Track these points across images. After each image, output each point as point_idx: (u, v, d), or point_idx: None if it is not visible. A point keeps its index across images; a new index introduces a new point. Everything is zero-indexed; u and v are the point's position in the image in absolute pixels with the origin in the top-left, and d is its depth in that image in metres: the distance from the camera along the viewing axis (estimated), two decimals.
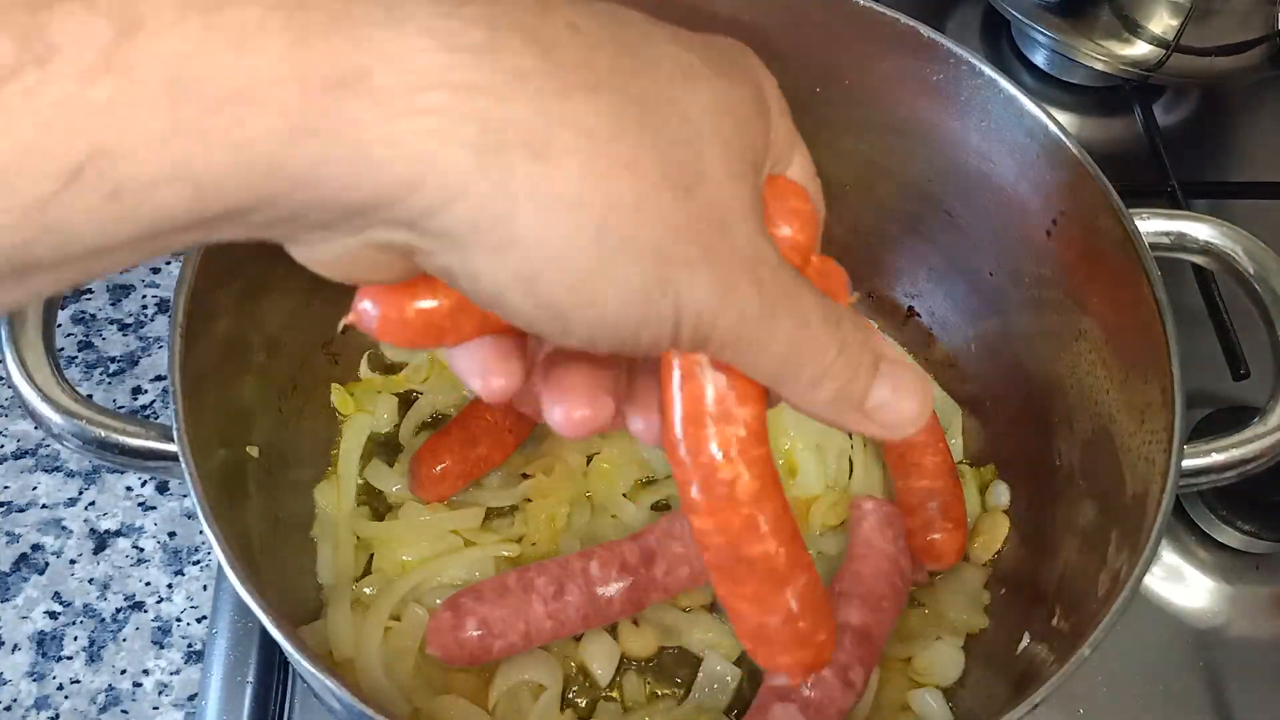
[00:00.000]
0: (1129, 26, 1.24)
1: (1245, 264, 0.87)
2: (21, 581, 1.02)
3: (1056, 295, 0.94)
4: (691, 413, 0.47)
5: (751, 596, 0.52)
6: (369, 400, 1.06)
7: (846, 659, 0.86)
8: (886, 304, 1.15)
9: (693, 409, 0.47)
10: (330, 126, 0.34)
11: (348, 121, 0.34)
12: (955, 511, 0.97)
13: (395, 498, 1.01)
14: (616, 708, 0.93)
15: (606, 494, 1.02)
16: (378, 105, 0.34)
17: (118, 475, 1.08)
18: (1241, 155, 1.41)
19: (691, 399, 0.47)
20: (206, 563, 1.04)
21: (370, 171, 0.35)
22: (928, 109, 0.98)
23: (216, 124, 0.32)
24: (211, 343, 0.83)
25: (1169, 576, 1.05)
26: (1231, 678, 0.99)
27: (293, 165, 0.34)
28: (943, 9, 1.50)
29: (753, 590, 0.52)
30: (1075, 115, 1.40)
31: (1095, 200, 0.87)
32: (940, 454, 1.00)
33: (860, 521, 0.96)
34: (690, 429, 0.48)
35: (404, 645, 0.91)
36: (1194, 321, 1.12)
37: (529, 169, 0.36)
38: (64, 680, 0.97)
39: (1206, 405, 1.08)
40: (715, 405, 0.47)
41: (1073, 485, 0.93)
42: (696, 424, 0.48)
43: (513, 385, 0.51)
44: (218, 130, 0.32)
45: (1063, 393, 0.95)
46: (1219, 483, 0.82)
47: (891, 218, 1.09)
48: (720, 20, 1.01)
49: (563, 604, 0.88)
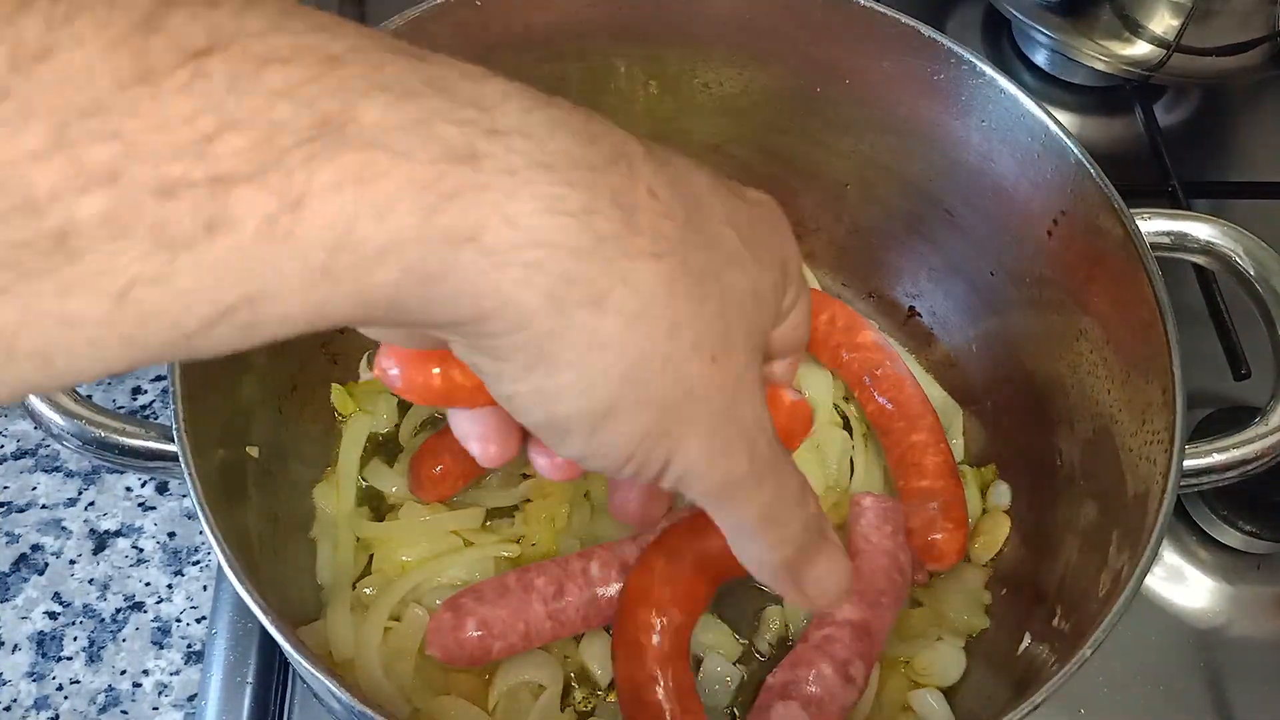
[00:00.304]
0: (1130, 26, 1.24)
1: (1246, 264, 0.87)
2: (21, 582, 1.02)
3: (1057, 295, 0.94)
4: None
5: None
6: (369, 400, 1.06)
7: (846, 654, 0.86)
8: (887, 304, 1.15)
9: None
10: (443, 271, 0.39)
11: (458, 266, 0.39)
12: (956, 512, 0.97)
13: (395, 498, 1.01)
14: (616, 708, 0.93)
15: (606, 494, 1.02)
16: (485, 256, 0.39)
17: (117, 475, 1.08)
18: (1242, 155, 1.41)
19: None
20: (206, 563, 1.04)
21: (463, 303, 0.40)
22: (928, 109, 0.98)
23: (353, 275, 0.38)
24: None
25: (1170, 577, 1.05)
26: (1232, 678, 0.99)
27: (405, 301, 0.40)
28: (943, 9, 1.50)
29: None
30: (1076, 115, 1.40)
31: (1096, 200, 0.87)
32: (941, 454, 1.00)
33: (858, 518, 0.96)
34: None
35: (404, 645, 0.91)
36: (1195, 321, 1.12)
37: (584, 314, 0.41)
38: (64, 680, 0.97)
39: (1207, 405, 1.08)
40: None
41: (1073, 485, 0.93)
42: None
43: (509, 454, 0.59)
44: (351, 280, 0.38)
45: (1064, 392, 0.95)
46: (1220, 483, 0.82)
47: (892, 217, 1.09)
48: (721, 20, 1.01)
49: (563, 604, 0.88)
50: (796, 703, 0.83)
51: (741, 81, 1.07)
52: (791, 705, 0.83)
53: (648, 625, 0.84)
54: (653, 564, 0.87)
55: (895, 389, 1.03)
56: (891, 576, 0.92)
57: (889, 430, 1.03)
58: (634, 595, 0.86)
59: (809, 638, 0.88)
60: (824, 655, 0.86)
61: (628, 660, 0.84)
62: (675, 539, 0.88)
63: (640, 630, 0.84)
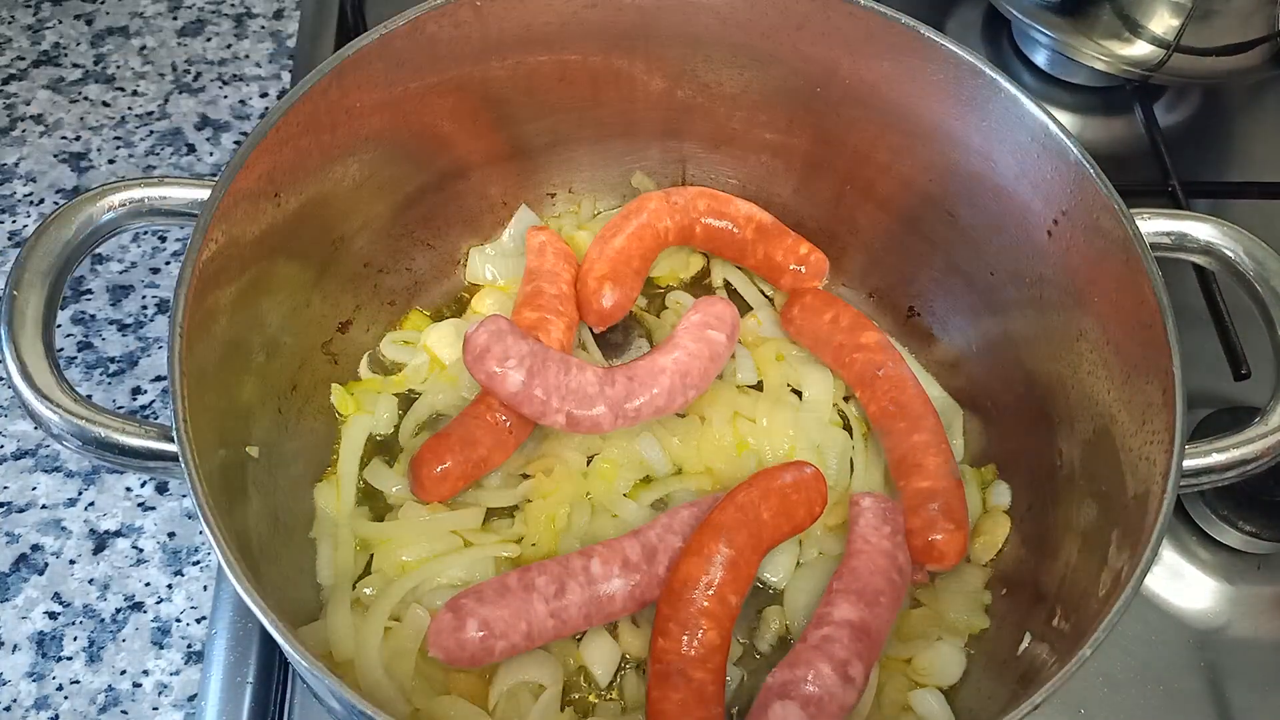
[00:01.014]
0: (1130, 26, 1.24)
1: (1246, 264, 0.87)
2: (21, 582, 1.02)
3: (1057, 295, 0.94)
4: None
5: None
6: (369, 400, 1.06)
7: (845, 655, 0.86)
8: (887, 304, 1.15)
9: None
10: None
11: None
12: (957, 513, 0.97)
13: (395, 498, 1.01)
14: (616, 707, 0.93)
15: (606, 494, 1.02)
16: None
17: (117, 476, 1.08)
18: (1242, 155, 1.41)
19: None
20: (206, 563, 1.04)
21: None
22: (929, 109, 0.98)
23: None
24: (211, 343, 0.83)
25: (1170, 577, 1.05)
26: (1232, 678, 0.99)
27: None
28: (943, 9, 1.50)
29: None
30: (1076, 115, 1.40)
31: (1096, 200, 0.87)
32: (943, 454, 1.00)
33: (857, 518, 0.96)
34: None
35: (404, 645, 0.91)
36: (1195, 322, 1.12)
37: None
38: (64, 681, 0.97)
39: (1207, 405, 1.08)
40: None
41: (1074, 485, 0.93)
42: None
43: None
44: None
45: (1064, 392, 0.95)
46: (1220, 483, 0.82)
47: (892, 218, 1.09)
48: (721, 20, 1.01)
49: (565, 603, 0.88)
50: (795, 702, 0.83)
51: (742, 82, 1.07)
52: (790, 705, 0.83)
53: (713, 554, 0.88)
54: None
55: (898, 389, 1.03)
56: (890, 577, 0.92)
57: (891, 430, 1.03)
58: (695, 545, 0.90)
59: (808, 638, 0.88)
60: (823, 655, 0.86)
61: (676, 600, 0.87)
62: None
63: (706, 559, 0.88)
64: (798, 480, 0.94)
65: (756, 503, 0.91)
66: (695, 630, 0.86)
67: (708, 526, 0.90)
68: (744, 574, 0.89)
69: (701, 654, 0.85)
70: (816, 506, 0.95)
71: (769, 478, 0.94)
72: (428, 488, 0.97)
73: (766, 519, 0.91)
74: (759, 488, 0.93)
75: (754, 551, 0.90)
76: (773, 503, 0.92)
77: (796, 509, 0.93)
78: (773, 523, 0.91)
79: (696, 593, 0.87)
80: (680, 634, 0.86)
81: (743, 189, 1.16)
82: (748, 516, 0.90)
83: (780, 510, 0.92)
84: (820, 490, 0.95)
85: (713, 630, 0.86)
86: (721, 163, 1.16)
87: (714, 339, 1.03)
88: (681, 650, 0.85)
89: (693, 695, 0.84)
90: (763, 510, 0.91)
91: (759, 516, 0.91)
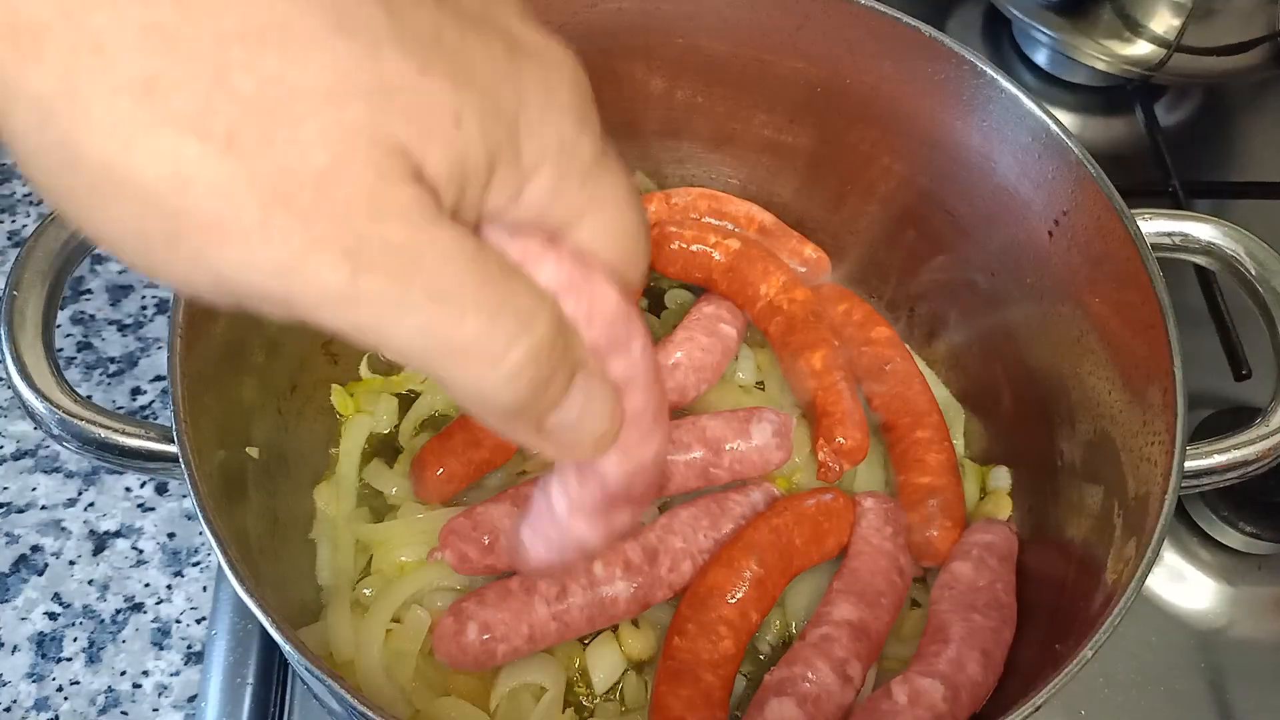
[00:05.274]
0: (1130, 26, 1.24)
1: (1247, 264, 0.87)
2: (21, 583, 1.02)
3: (1058, 295, 0.94)
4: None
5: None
6: (369, 400, 1.05)
7: (844, 654, 0.86)
8: (888, 303, 1.15)
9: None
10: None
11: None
12: (955, 510, 0.97)
13: (395, 499, 1.01)
14: (616, 708, 0.93)
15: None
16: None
17: (117, 476, 1.08)
18: (1243, 155, 1.41)
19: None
20: (206, 564, 1.04)
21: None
22: (929, 109, 0.98)
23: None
24: (211, 343, 0.83)
25: (1171, 577, 1.04)
26: (1233, 679, 0.99)
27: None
28: (944, 8, 1.50)
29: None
30: (1077, 115, 1.40)
31: (1097, 200, 0.87)
32: (944, 451, 1.00)
33: (859, 519, 0.96)
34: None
35: (404, 647, 0.91)
36: (1196, 322, 1.12)
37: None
38: (63, 681, 0.97)
39: (1208, 406, 1.08)
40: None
41: (1074, 486, 0.93)
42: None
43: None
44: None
45: (1064, 393, 0.95)
46: (1221, 484, 0.82)
47: (893, 217, 1.09)
48: (721, 20, 1.01)
49: (566, 605, 0.88)
50: (792, 699, 0.83)
51: (742, 82, 1.07)
52: (786, 702, 0.83)
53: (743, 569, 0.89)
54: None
55: (904, 384, 1.04)
56: (891, 578, 0.92)
57: (894, 425, 1.03)
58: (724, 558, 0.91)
59: (807, 636, 0.88)
60: (821, 654, 0.86)
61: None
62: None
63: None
64: (830, 508, 0.96)
65: (790, 527, 0.93)
66: (713, 636, 0.86)
67: (740, 542, 0.92)
68: (769, 594, 0.90)
69: (715, 659, 0.86)
70: (845, 536, 0.96)
71: (800, 502, 0.95)
72: (430, 488, 0.97)
73: (799, 545, 0.93)
74: (793, 512, 0.94)
75: (782, 574, 0.92)
76: (806, 530, 0.94)
77: (827, 538, 0.95)
78: (804, 549, 0.93)
79: (721, 601, 0.88)
80: (698, 635, 0.86)
81: (743, 189, 1.16)
82: (781, 539, 0.92)
83: (812, 538, 0.94)
84: (849, 520, 0.97)
85: (730, 639, 0.87)
86: (722, 163, 1.16)
87: (725, 332, 1.05)
88: (697, 651, 0.85)
89: (700, 695, 0.84)
90: (795, 536, 0.93)
91: (791, 541, 0.92)
